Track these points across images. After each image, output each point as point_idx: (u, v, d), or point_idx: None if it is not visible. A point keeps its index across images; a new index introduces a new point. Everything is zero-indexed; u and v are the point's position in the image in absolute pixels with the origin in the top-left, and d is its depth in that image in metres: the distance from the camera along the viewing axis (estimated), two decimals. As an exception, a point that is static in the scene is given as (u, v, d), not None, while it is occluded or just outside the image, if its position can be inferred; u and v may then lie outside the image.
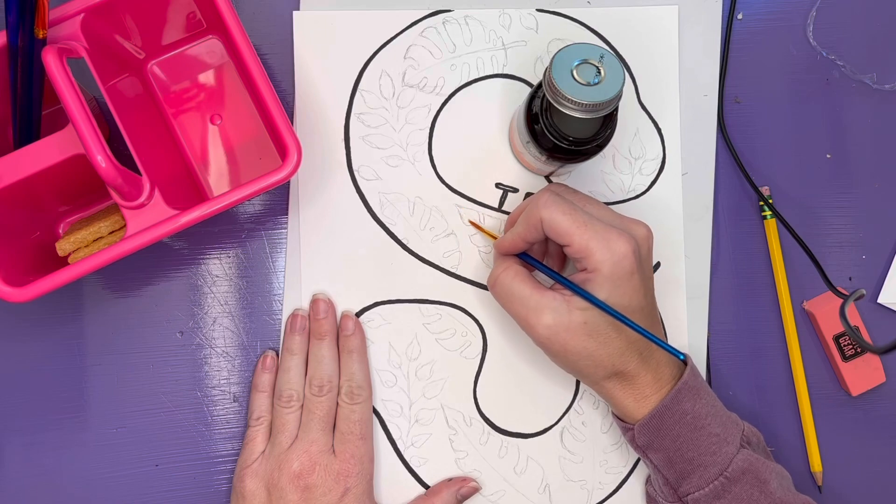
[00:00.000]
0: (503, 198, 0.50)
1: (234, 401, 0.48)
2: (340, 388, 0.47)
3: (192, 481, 0.48)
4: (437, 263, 0.49)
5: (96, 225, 0.44)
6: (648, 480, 0.48)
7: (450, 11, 0.50)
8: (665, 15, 0.51)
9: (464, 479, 0.48)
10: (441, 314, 0.49)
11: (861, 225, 0.52)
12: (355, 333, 0.48)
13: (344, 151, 0.49)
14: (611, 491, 0.50)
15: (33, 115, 0.41)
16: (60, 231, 0.47)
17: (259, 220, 0.49)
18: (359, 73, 0.49)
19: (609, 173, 0.50)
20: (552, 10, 0.50)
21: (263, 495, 0.44)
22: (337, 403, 0.46)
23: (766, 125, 0.52)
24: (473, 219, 0.49)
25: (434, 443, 0.49)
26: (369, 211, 0.49)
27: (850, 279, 0.52)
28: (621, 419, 0.45)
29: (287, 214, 0.49)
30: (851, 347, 0.50)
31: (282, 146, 0.41)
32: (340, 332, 0.48)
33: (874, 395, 0.52)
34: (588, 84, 0.38)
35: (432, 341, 0.49)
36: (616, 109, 0.41)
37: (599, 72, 0.39)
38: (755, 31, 0.52)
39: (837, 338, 0.50)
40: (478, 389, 0.49)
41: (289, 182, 0.49)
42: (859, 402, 0.52)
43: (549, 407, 0.50)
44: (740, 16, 0.52)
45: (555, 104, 0.39)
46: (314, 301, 0.48)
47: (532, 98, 0.43)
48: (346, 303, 0.49)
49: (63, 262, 0.44)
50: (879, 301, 0.52)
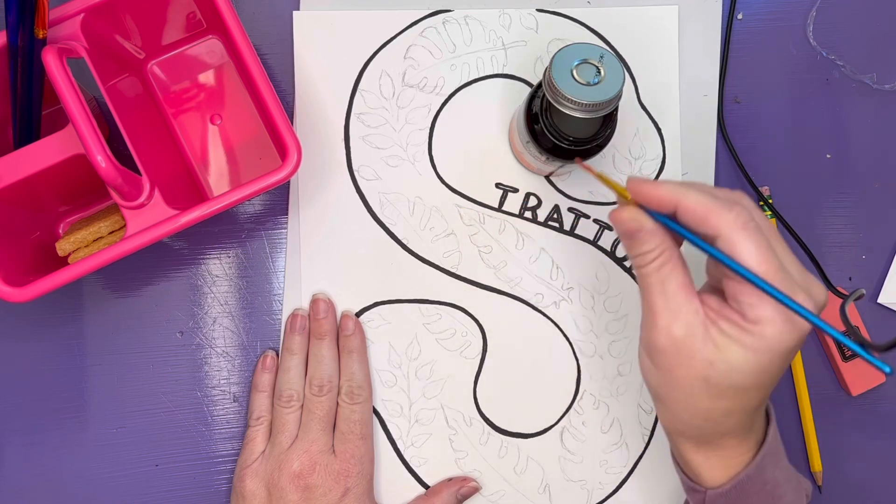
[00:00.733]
0: (503, 198, 0.50)
1: (234, 401, 0.48)
2: (340, 388, 0.47)
3: (192, 481, 0.48)
4: (437, 263, 0.49)
5: (96, 225, 0.44)
6: None
7: (450, 11, 0.50)
8: (665, 15, 0.51)
9: (464, 479, 0.48)
10: (441, 314, 0.49)
11: (861, 225, 0.52)
12: (355, 333, 0.48)
13: (344, 151, 0.49)
14: (611, 491, 0.50)
15: (33, 115, 0.41)
16: (60, 231, 0.47)
17: (259, 220, 0.49)
18: (359, 73, 0.49)
19: (609, 173, 0.50)
20: (552, 10, 0.50)
21: (263, 495, 0.44)
22: (337, 403, 0.46)
23: (766, 125, 0.52)
24: (474, 219, 0.49)
25: (434, 443, 0.49)
26: (369, 211, 0.49)
27: (850, 279, 0.52)
28: (688, 476, 0.39)
29: (287, 214, 0.49)
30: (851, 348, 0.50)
31: (282, 146, 0.41)
32: (340, 332, 0.48)
33: (874, 395, 0.52)
34: (588, 84, 0.38)
35: (432, 341, 0.49)
36: (616, 109, 0.41)
37: (599, 72, 0.39)
38: (755, 31, 0.52)
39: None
40: (478, 389, 0.49)
41: (289, 182, 0.49)
42: (859, 402, 0.52)
43: (549, 407, 0.50)
44: (740, 16, 0.52)
45: (555, 104, 0.39)
46: (314, 301, 0.48)
47: (532, 98, 0.43)
48: (346, 303, 0.49)
49: (63, 262, 0.44)
50: (879, 301, 0.52)
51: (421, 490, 0.49)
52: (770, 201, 0.51)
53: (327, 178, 0.49)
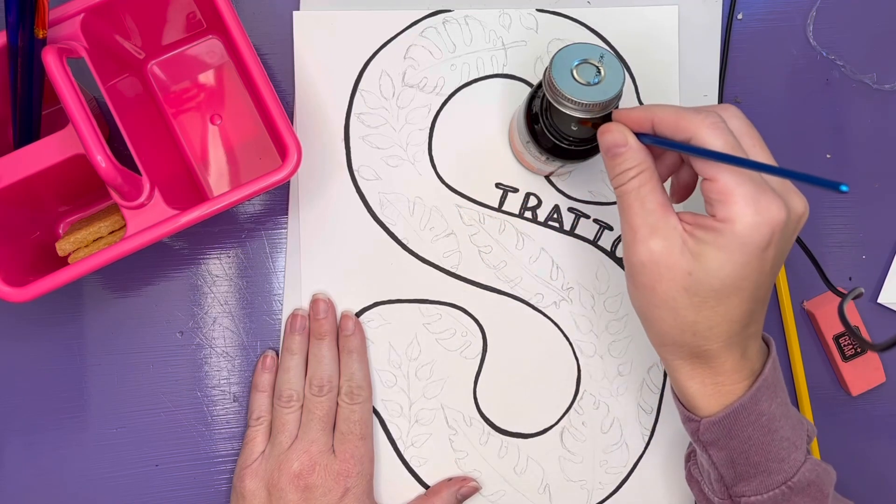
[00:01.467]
0: (503, 198, 0.50)
1: (234, 401, 0.48)
2: (340, 388, 0.47)
3: (192, 481, 0.48)
4: (437, 263, 0.49)
5: (96, 225, 0.44)
6: (692, 460, 0.43)
7: (450, 11, 0.50)
8: (665, 15, 0.51)
9: (464, 479, 0.48)
10: (441, 314, 0.49)
11: (861, 225, 0.52)
12: (355, 333, 0.48)
13: (344, 151, 0.49)
14: (611, 491, 0.50)
15: (33, 115, 0.41)
16: (60, 231, 0.47)
17: (259, 220, 0.49)
18: (359, 73, 0.49)
19: (609, 173, 0.50)
20: (552, 10, 0.50)
21: (263, 495, 0.44)
22: (337, 403, 0.46)
23: (766, 125, 0.51)
24: (474, 219, 0.49)
25: (434, 443, 0.49)
26: (369, 211, 0.49)
27: (850, 279, 0.52)
28: (682, 404, 0.40)
29: (287, 214, 0.49)
30: (851, 347, 0.50)
31: (282, 146, 0.41)
32: (340, 332, 0.48)
33: (874, 395, 0.52)
34: (588, 84, 0.38)
35: (432, 341, 0.49)
36: (616, 109, 0.41)
37: (599, 72, 0.39)
38: (755, 31, 0.52)
39: (837, 338, 0.50)
40: (478, 389, 0.49)
41: (289, 182, 0.49)
42: (859, 402, 0.52)
43: (549, 407, 0.50)
44: (740, 16, 0.52)
45: (555, 104, 0.39)
46: (314, 301, 0.48)
47: (532, 98, 0.43)
48: (346, 303, 0.49)
49: (63, 262, 0.44)
50: (879, 301, 0.52)
51: (421, 490, 0.49)
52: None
53: (327, 178, 0.49)
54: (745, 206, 0.33)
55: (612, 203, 0.50)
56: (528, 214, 0.50)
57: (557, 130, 0.41)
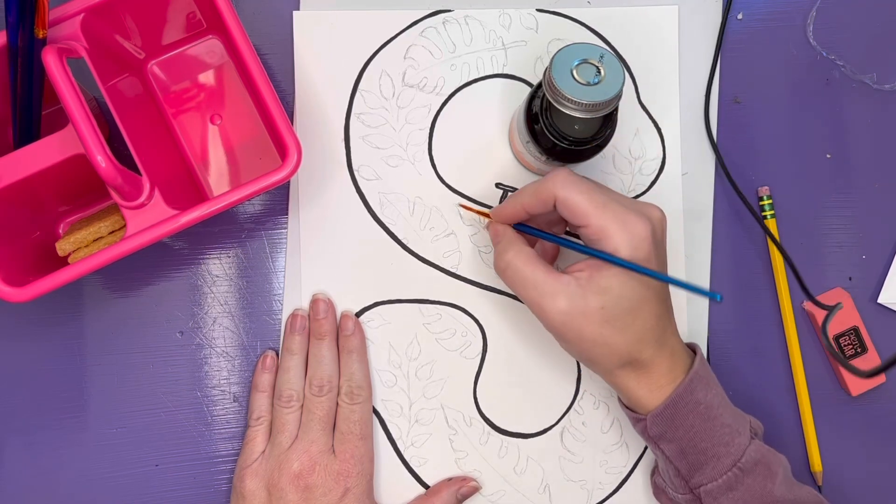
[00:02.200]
0: (503, 198, 0.50)
1: (234, 401, 0.48)
2: (340, 388, 0.47)
3: (192, 481, 0.48)
4: (437, 263, 0.49)
5: (96, 225, 0.44)
6: (655, 471, 0.47)
7: (450, 11, 0.50)
8: (665, 15, 0.51)
9: (464, 479, 0.48)
10: (441, 314, 0.49)
11: (861, 225, 0.52)
12: (355, 333, 0.48)
13: (344, 151, 0.49)
14: (611, 491, 0.50)
15: (33, 115, 0.41)
16: (60, 231, 0.47)
17: (259, 220, 0.49)
18: (359, 73, 0.49)
19: (609, 173, 0.50)
20: (552, 10, 0.50)
21: (263, 495, 0.44)
22: (337, 403, 0.46)
23: (766, 125, 0.52)
24: (474, 219, 0.49)
25: (434, 443, 0.49)
26: (369, 211, 0.49)
27: (850, 279, 0.52)
28: (632, 410, 0.44)
29: (287, 214, 0.49)
30: (851, 347, 0.50)
31: (282, 146, 0.41)
32: (340, 332, 0.48)
33: (874, 395, 0.52)
34: (588, 84, 0.38)
35: (432, 341, 0.49)
36: (616, 109, 0.41)
37: (599, 72, 0.39)
38: (755, 31, 0.52)
39: (837, 338, 0.50)
40: (478, 389, 0.49)
41: (289, 182, 0.49)
42: (859, 402, 0.52)
43: (549, 407, 0.50)
44: (740, 16, 0.52)
45: (555, 104, 0.39)
46: (314, 301, 0.48)
47: (532, 98, 0.43)
48: (346, 303, 0.49)
49: (63, 262, 0.44)
50: (879, 301, 0.52)
51: (421, 490, 0.49)
52: (770, 201, 0.51)
53: (327, 178, 0.49)
54: (621, 234, 0.39)
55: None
56: (528, 214, 0.50)
57: (557, 130, 0.41)
